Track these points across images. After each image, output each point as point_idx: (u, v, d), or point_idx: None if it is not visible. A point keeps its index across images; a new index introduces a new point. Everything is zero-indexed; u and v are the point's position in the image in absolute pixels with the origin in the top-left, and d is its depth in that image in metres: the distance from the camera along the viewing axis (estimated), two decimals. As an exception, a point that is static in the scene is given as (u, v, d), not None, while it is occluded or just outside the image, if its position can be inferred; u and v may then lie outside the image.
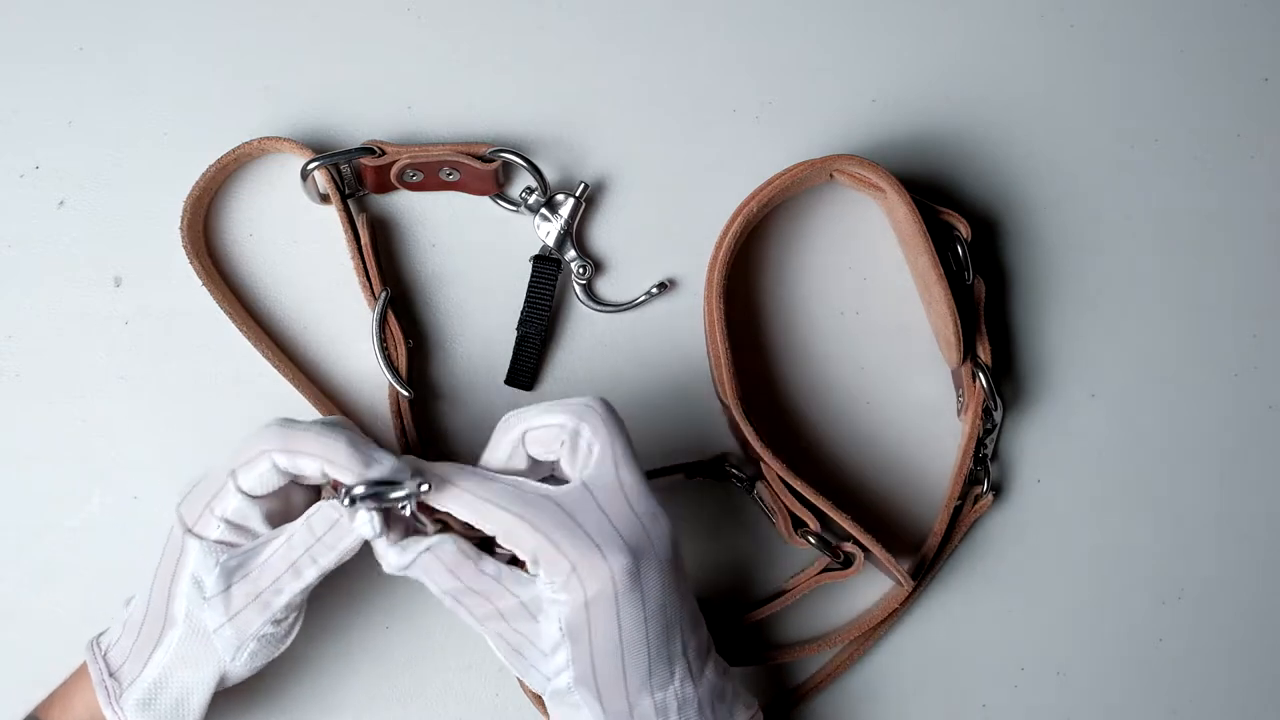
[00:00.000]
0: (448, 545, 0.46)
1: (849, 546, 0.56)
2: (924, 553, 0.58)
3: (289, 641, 0.49)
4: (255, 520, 0.47)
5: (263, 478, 0.46)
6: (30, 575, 0.57)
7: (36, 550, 0.57)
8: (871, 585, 0.59)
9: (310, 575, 0.46)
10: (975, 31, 0.63)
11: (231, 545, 0.47)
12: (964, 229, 0.57)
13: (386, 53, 0.61)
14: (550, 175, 0.59)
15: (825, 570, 0.56)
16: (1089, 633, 0.60)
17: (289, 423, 0.46)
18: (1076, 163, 0.62)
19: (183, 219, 0.56)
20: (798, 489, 0.55)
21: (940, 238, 0.57)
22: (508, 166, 0.59)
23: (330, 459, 0.45)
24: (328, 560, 0.46)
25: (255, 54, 0.60)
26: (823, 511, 0.55)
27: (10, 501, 0.57)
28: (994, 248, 0.62)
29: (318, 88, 0.60)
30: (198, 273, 0.56)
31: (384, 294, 0.56)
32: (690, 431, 0.59)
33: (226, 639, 0.47)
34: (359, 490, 0.44)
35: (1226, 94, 0.63)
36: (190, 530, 0.47)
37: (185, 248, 0.56)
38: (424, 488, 0.44)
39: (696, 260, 0.59)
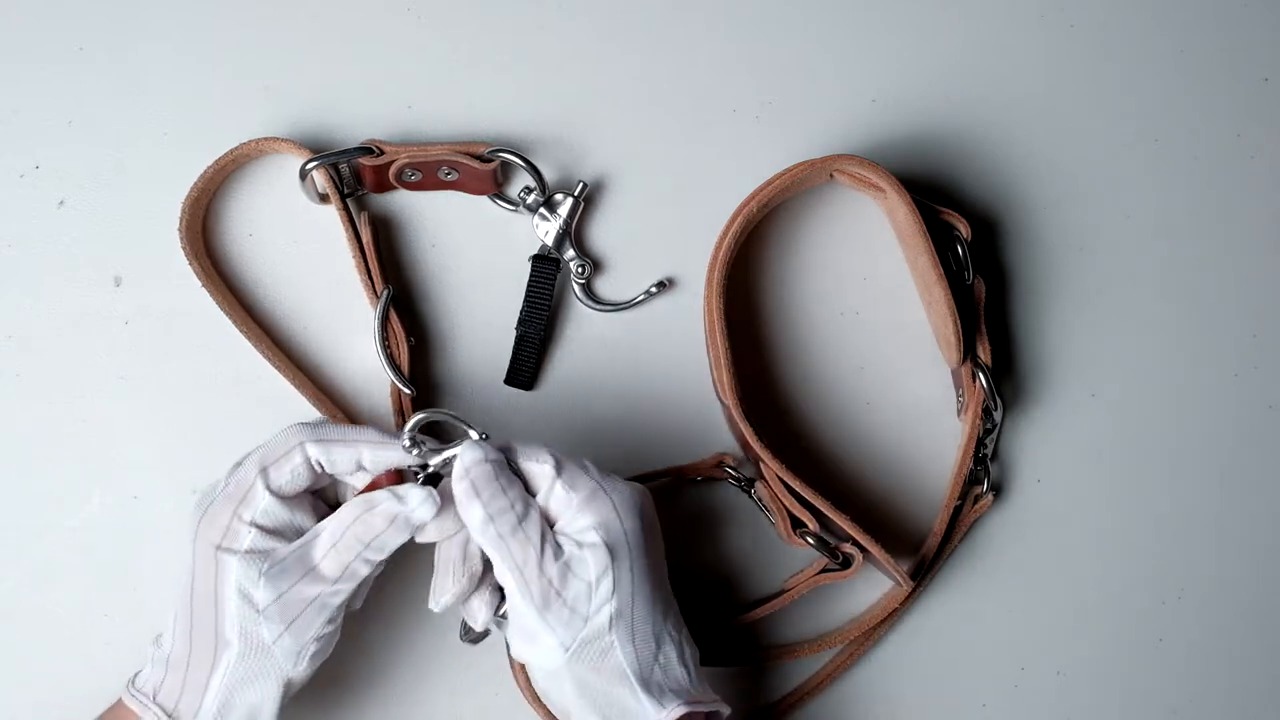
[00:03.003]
0: (477, 458, 0.48)
1: (848, 547, 0.56)
2: (924, 553, 0.58)
3: (339, 630, 0.49)
4: (285, 525, 0.47)
5: (294, 473, 0.47)
6: (30, 575, 0.57)
7: (36, 550, 0.57)
8: (871, 585, 0.59)
9: (364, 572, 0.47)
10: (975, 31, 0.63)
11: (264, 553, 0.46)
12: (964, 229, 0.57)
13: (386, 53, 0.61)
14: (549, 175, 0.59)
15: (824, 571, 0.56)
16: (1089, 633, 0.60)
17: (310, 423, 0.48)
18: (1076, 163, 0.62)
19: (181, 220, 0.56)
20: (797, 489, 0.55)
21: (940, 238, 0.57)
22: (506, 166, 0.58)
23: (366, 441, 0.47)
24: (381, 557, 0.47)
25: (255, 54, 0.60)
26: (822, 512, 0.55)
27: (10, 501, 0.57)
28: (994, 248, 0.61)
29: (318, 88, 0.60)
30: (197, 273, 0.56)
31: (386, 292, 0.56)
32: (690, 431, 0.59)
33: (286, 648, 0.46)
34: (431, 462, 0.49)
35: (1226, 94, 0.63)
36: (220, 546, 0.46)
37: (184, 249, 0.56)
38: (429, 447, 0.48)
39: (696, 260, 0.59)
